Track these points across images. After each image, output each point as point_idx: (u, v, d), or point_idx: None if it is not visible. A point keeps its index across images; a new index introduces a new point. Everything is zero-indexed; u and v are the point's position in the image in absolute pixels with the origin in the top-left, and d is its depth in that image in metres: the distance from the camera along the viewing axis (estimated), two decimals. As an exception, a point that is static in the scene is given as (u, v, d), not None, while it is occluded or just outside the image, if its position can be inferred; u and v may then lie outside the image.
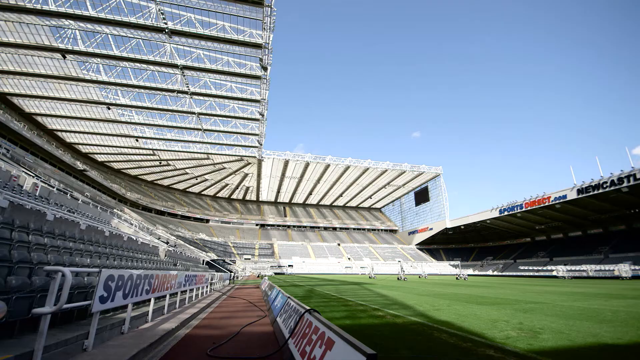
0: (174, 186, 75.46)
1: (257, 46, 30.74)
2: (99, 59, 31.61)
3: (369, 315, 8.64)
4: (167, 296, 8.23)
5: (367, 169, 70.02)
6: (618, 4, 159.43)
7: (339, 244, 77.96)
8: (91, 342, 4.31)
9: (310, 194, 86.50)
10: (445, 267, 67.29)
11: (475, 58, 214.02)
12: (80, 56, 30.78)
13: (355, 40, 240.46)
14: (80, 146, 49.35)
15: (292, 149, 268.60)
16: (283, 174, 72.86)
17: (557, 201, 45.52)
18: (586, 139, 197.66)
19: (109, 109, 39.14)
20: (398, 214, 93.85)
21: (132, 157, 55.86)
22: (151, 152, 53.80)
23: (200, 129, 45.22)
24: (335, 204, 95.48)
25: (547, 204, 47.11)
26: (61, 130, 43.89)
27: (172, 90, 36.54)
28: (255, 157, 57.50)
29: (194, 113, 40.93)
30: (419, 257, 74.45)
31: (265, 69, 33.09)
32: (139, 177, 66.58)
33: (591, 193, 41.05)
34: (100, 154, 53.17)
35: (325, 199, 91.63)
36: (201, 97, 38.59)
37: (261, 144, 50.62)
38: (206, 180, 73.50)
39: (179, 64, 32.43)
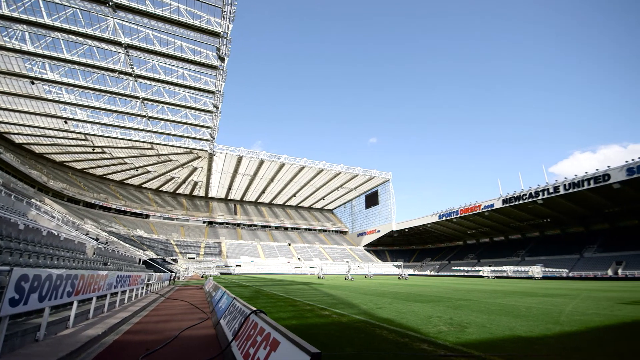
0: (109, 176, 68.10)
1: (214, 34, 29.30)
2: (25, 26, 27.22)
3: (316, 315, 8.75)
4: (94, 299, 7.38)
5: (322, 170, 70.99)
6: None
7: (289, 244, 77.71)
8: (-5, 352, 3.70)
9: (263, 192, 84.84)
10: (389, 268, 71.16)
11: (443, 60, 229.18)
12: (2, 20, 26.19)
13: (329, 41, 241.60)
14: (-10, 123, 41.96)
15: (250, 145, 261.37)
16: (236, 171, 70.32)
17: (486, 209, 51.19)
18: (512, 155, 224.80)
19: (33, 83, 33.93)
20: (349, 215, 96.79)
21: (58, 140, 49.09)
22: (83, 136, 47.88)
23: (144, 116, 41.50)
24: (288, 203, 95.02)
25: (478, 211, 52.69)
26: (-35, 103, 36.87)
27: (114, 70, 33.01)
28: (206, 150, 54.53)
29: (138, 98, 37.45)
30: (366, 258, 77.61)
31: (222, 59, 31.69)
32: (66, 163, 58.79)
33: (513, 203, 47.01)
34: (18, 134, 45.77)
35: (278, 198, 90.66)
36: (147, 81, 35.49)
37: (213, 138, 48.25)
38: (148, 172, 67.66)
39: (123, 42, 29.41)
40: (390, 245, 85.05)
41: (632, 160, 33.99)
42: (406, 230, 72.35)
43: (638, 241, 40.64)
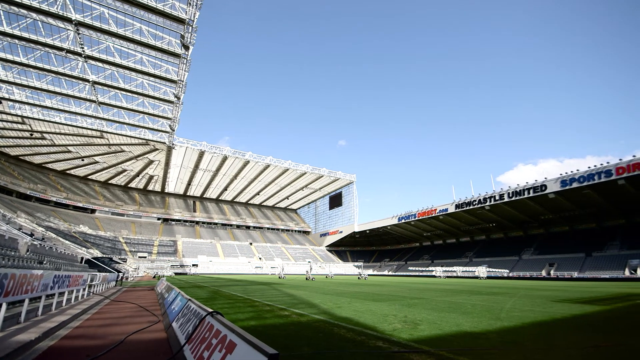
0: (49, 165, 61.32)
1: (179, 20, 27.79)
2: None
3: (275, 315, 8.68)
4: (26, 301, 6.61)
5: (287, 169, 70.48)
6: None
7: (251, 243, 76.05)
8: None
9: (225, 189, 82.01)
10: (350, 268, 72.70)
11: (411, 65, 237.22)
12: None
13: (306, 41, 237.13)
14: None
15: (217, 141, 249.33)
16: (197, 166, 67.12)
17: (441, 213, 54.52)
18: (465, 163, 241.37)
19: (-43, 54, 29.52)
20: (312, 216, 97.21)
21: (-12, 122, 43.19)
22: (19, 119, 42.61)
23: (94, 101, 37.99)
24: (251, 202, 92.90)
25: (433, 215, 55.93)
26: None
27: (60, 49, 29.84)
28: (164, 143, 51.32)
29: (87, 81, 34.21)
30: (328, 258, 78.51)
31: (187, 47, 30.15)
32: (-3, 149, 51.92)
33: (465, 208, 50.62)
34: None
35: (241, 196, 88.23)
36: (99, 64, 32.60)
37: (173, 130, 45.62)
38: (96, 162, 61.95)
39: (73, 18, 26.71)
40: (352, 246, 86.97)
41: (566, 173, 38.34)
42: (367, 231, 74.51)
43: (568, 245, 45.99)
